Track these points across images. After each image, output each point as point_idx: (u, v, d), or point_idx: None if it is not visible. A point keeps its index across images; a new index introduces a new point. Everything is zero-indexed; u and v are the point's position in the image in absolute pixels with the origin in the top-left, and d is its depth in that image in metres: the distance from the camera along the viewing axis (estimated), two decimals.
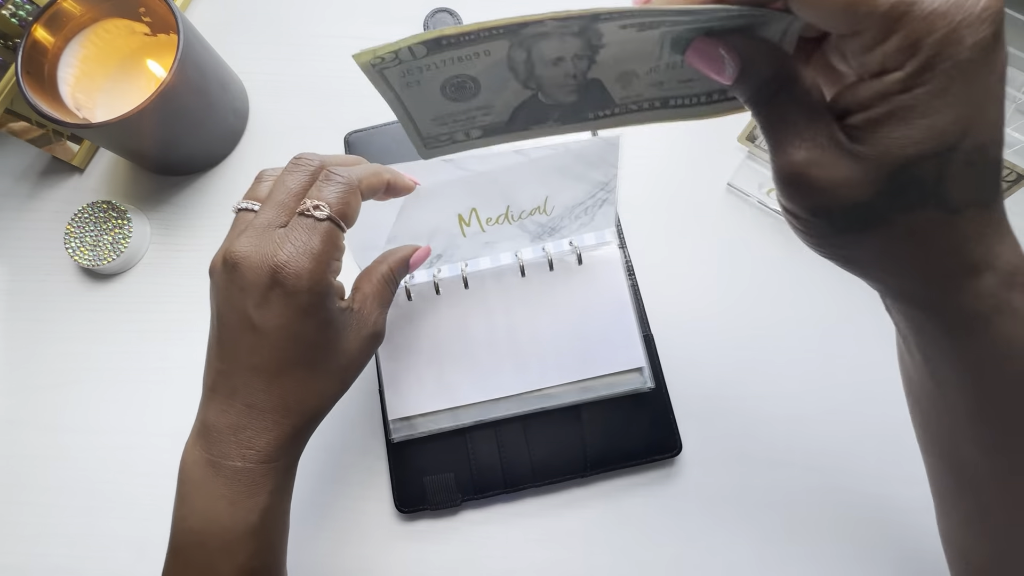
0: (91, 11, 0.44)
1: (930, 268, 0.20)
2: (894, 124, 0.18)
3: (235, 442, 0.28)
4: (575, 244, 0.42)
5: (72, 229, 0.45)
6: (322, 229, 0.27)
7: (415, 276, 0.42)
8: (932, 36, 0.17)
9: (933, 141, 0.18)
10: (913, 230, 0.19)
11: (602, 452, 0.40)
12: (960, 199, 0.19)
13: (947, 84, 0.17)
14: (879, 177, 0.19)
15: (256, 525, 0.28)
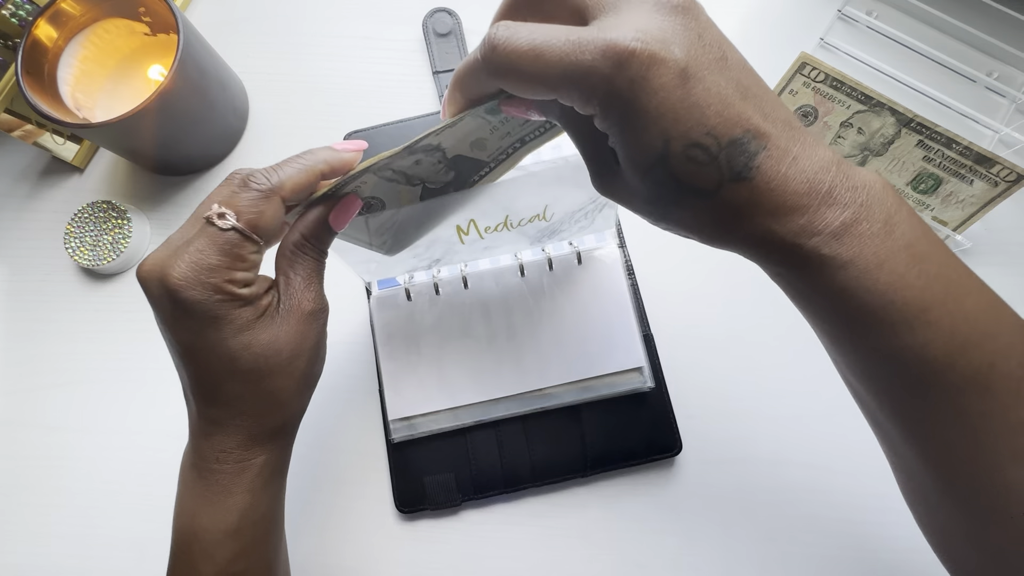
0: (91, 11, 0.44)
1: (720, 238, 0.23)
2: (619, 148, 0.22)
3: (208, 445, 0.28)
4: (575, 244, 0.42)
5: (72, 229, 0.45)
6: (222, 240, 0.25)
7: (415, 276, 0.42)
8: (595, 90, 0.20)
9: (644, 154, 0.21)
10: (694, 213, 0.22)
11: (602, 452, 0.40)
12: (705, 186, 0.21)
13: (625, 120, 0.21)
14: (642, 184, 0.22)
15: (235, 526, 0.28)
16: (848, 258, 0.21)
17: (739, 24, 0.49)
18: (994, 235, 0.44)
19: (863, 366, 0.23)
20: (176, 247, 0.26)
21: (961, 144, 0.41)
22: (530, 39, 0.21)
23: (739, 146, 0.21)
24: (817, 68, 0.42)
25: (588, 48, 0.20)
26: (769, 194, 0.21)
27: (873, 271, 0.21)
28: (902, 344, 0.21)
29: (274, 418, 0.29)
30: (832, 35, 0.48)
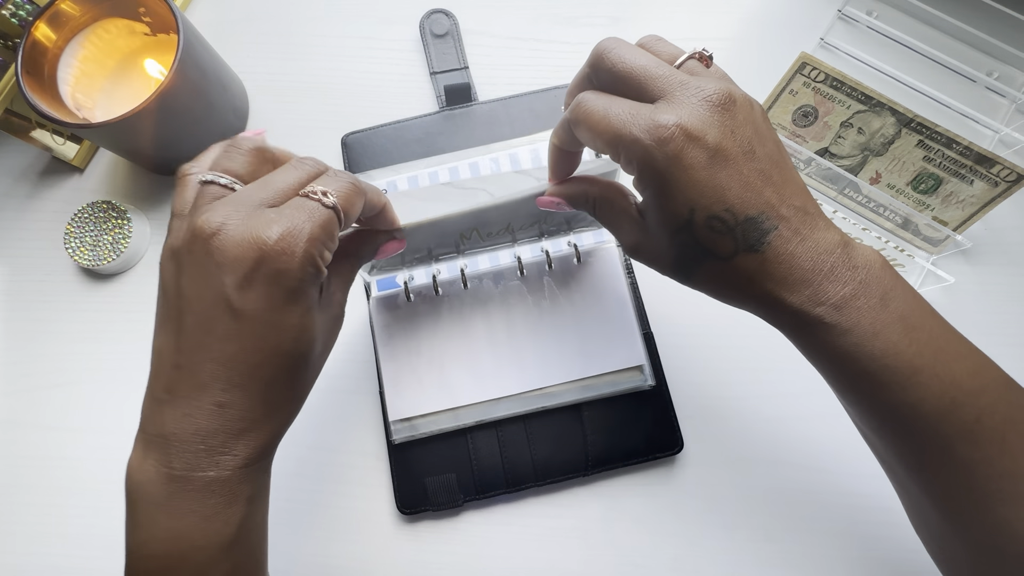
0: (91, 11, 0.44)
1: (740, 299, 0.27)
2: (649, 213, 0.27)
3: (205, 449, 0.25)
4: (574, 243, 0.42)
5: (72, 229, 0.45)
6: (323, 215, 0.24)
7: (414, 277, 0.42)
8: (633, 158, 0.25)
9: (672, 220, 0.26)
10: (709, 278, 0.27)
11: (603, 451, 0.40)
12: (724, 252, 0.25)
13: (657, 186, 0.25)
14: (669, 245, 0.27)
15: (232, 538, 0.26)
16: (848, 327, 0.25)
17: (739, 24, 0.49)
18: (994, 235, 0.44)
19: (867, 417, 0.27)
20: (258, 213, 0.24)
21: (961, 144, 0.41)
22: (603, 105, 0.26)
23: (754, 223, 0.25)
24: (817, 68, 0.42)
25: (640, 122, 0.25)
26: (778, 265, 0.25)
27: (870, 339, 0.25)
28: (898, 401, 0.25)
29: (292, 416, 0.27)
30: (832, 35, 0.48)
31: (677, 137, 0.24)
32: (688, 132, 0.24)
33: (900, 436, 0.26)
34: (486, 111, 0.47)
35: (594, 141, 0.26)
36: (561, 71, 0.49)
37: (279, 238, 0.23)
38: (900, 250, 0.41)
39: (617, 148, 0.26)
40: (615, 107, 0.26)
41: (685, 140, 0.24)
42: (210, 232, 0.23)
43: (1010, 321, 0.43)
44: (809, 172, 0.44)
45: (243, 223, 0.23)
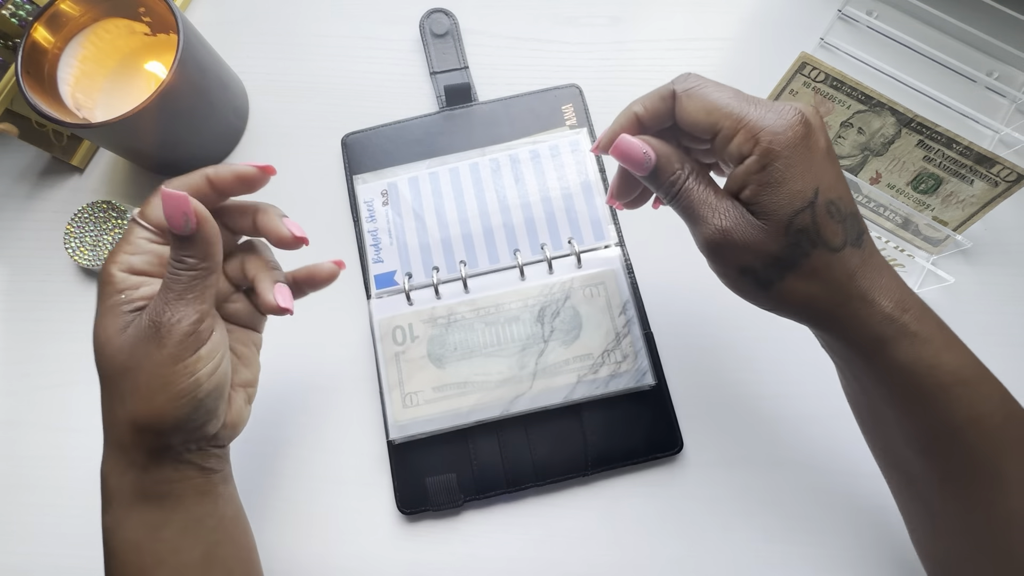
0: (91, 11, 0.44)
1: (835, 301, 0.27)
2: (768, 193, 0.26)
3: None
4: (574, 244, 0.42)
5: (72, 229, 0.45)
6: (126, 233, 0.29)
7: (413, 277, 0.42)
8: (764, 131, 0.26)
9: (797, 199, 0.26)
10: (815, 269, 0.26)
11: (603, 451, 0.40)
12: (836, 241, 0.26)
13: (787, 162, 0.25)
14: (779, 232, 0.26)
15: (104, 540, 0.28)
16: (927, 336, 0.26)
17: (739, 24, 0.49)
18: (994, 235, 0.44)
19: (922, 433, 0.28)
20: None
21: (961, 144, 0.41)
22: (722, 86, 0.28)
23: (856, 220, 0.27)
24: (817, 68, 0.42)
25: (764, 105, 0.26)
26: (873, 266, 0.27)
27: (945, 350, 0.26)
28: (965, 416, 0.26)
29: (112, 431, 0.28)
30: (832, 35, 0.48)
31: (804, 122, 0.26)
32: (810, 121, 0.26)
33: (954, 452, 0.27)
34: (486, 111, 0.47)
35: (710, 116, 0.27)
36: (561, 71, 0.49)
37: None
38: (900, 250, 0.41)
39: (738, 125, 0.26)
40: (734, 90, 0.27)
41: (809, 126, 0.26)
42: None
43: (1010, 321, 0.43)
44: None
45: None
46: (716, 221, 0.27)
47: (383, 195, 0.45)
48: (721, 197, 0.28)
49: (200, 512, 0.30)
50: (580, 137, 0.45)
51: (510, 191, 0.44)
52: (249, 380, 0.33)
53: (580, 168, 0.44)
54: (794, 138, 0.25)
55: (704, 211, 0.28)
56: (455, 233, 0.43)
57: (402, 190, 0.44)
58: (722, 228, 0.27)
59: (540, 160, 0.45)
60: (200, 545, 0.30)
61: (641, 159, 0.29)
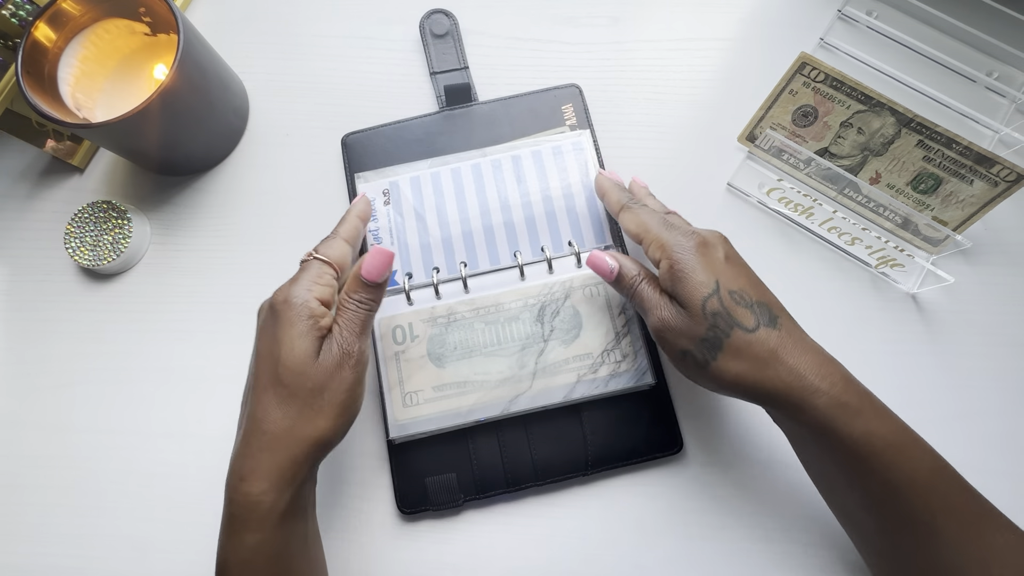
0: (91, 11, 0.44)
1: (764, 376, 0.31)
2: (680, 286, 0.33)
3: (231, 473, 0.31)
4: (574, 244, 0.42)
5: (72, 229, 0.45)
6: (306, 264, 0.34)
7: (413, 277, 0.42)
8: (668, 244, 0.34)
9: (701, 288, 0.32)
10: (738, 348, 0.31)
11: (603, 451, 0.40)
12: (748, 323, 0.32)
13: (687, 264, 0.33)
14: (698, 316, 0.32)
15: (247, 559, 0.30)
16: (858, 408, 0.30)
17: (739, 24, 0.50)
18: (994, 235, 0.44)
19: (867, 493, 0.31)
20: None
21: (961, 144, 0.41)
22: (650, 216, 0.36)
23: (765, 307, 0.33)
24: (817, 68, 0.42)
25: (677, 231, 0.35)
26: (794, 344, 0.31)
27: (876, 420, 0.30)
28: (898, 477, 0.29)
29: (288, 454, 0.31)
30: (832, 35, 0.48)
31: (703, 241, 0.34)
32: (706, 239, 0.34)
33: (895, 510, 0.30)
34: (486, 111, 0.47)
35: (638, 235, 0.36)
36: (561, 71, 0.49)
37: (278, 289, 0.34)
38: (900, 250, 0.41)
39: (652, 248, 0.35)
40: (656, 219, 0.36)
41: (706, 243, 0.34)
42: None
43: (1010, 321, 0.43)
44: (809, 172, 0.44)
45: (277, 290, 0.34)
46: (658, 313, 0.34)
47: (384, 194, 0.44)
48: (663, 296, 0.34)
49: (314, 523, 0.34)
50: (583, 138, 0.45)
51: (511, 191, 0.44)
52: None
53: (582, 169, 0.44)
54: (692, 248, 0.33)
55: (650, 306, 0.34)
56: (456, 233, 0.43)
57: (404, 190, 0.44)
58: (662, 318, 0.33)
59: (542, 161, 0.45)
60: (318, 552, 0.34)
61: (607, 269, 0.37)
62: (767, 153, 0.45)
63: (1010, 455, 0.40)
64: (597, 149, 0.46)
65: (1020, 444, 0.40)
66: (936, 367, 0.42)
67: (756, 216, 0.45)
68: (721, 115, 0.47)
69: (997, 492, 0.31)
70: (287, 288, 0.33)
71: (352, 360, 0.32)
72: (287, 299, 0.32)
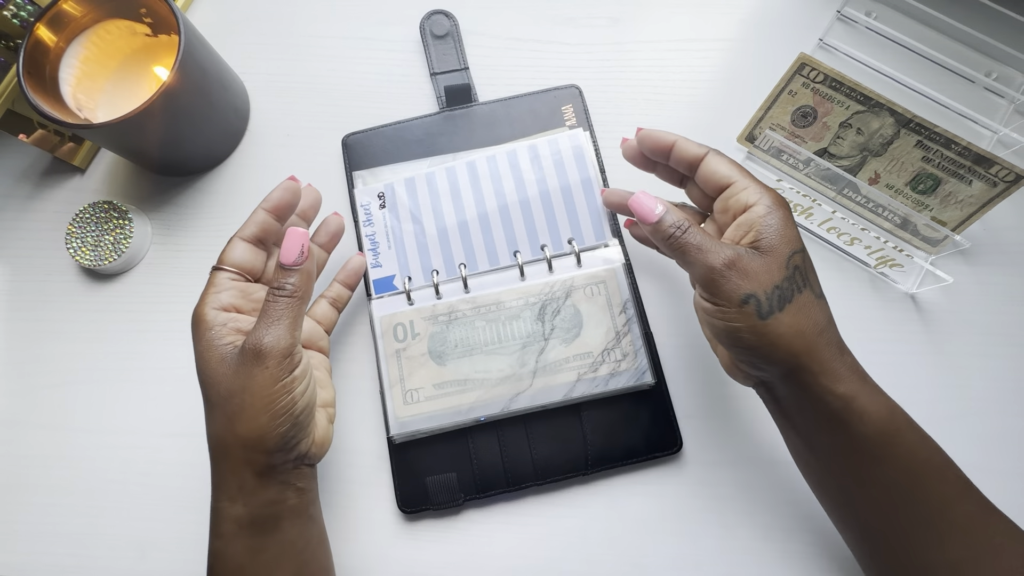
0: (92, 12, 0.44)
1: (816, 342, 0.30)
2: (773, 233, 0.31)
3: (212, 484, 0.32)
4: (574, 244, 0.42)
5: (73, 229, 0.45)
6: (210, 276, 0.35)
7: (413, 279, 0.42)
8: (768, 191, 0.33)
9: (794, 242, 0.31)
10: (804, 307, 0.31)
11: (603, 450, 0.40)
12: (819, 288, 0.32)
13: (784, 214, 0.32)
14: (781, 264, 0.31)
15: (211, 566, 0.31)
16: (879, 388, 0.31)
17: (739, 24, 0.50)
18: (993, 235, 0.44)
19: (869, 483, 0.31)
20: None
21: (960, 144, 0.41)
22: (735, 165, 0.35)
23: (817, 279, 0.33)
24: (816, 69, 0.42)
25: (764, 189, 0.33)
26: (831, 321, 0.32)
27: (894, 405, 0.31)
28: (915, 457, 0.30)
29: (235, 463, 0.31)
30: (831, 36, 0.48)
31: (785, 204, 0.33)
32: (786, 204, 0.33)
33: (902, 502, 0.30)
34: (486, 111, 0.47)
35: (729, 177, 0.34)
36: (561, 72, 0.49)
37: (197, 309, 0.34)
38: (899, 250, 0.41)
39: (746, 183, 0.33)
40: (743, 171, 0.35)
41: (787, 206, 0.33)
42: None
43: (1009, 321, 0.43)
44: (808, 172, 0.44)
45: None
46: (723, 252, 0.31)
47: (380, 198, 0.44)
48: (720, 242, 0.32)
49: (293, 535, 0.33)
50: (579, 135, 0.45)
51: (508, 190, 0.44)
52: (328, 400, 0.37)
53: (580, 164, 0.44)
54: (784, 204, 0.33)
55: (706, 250, 0.31)
56: (454, 236, 0.43)
57: (399, 192, 0.44)
58: (729, 258, 0.31)
59: (538, 157, 0.44)
60: (291, 567, 0.32)
61: (651, 209, 0.34)
62: (766, 153, 0.45)
63: (1009, 455, 0.40)
64: (597, 151, 0.46)
65: (1019, 444, 0.40)
66: (935, 367, 0.42)
67: None
68: (720, 116, 0.47)
69: (997, 492, 0.31)
70: (195, 307, 0.33)
71: (264, 353, 0.30)
72: (194, 317, 0.33)
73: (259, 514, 0.31)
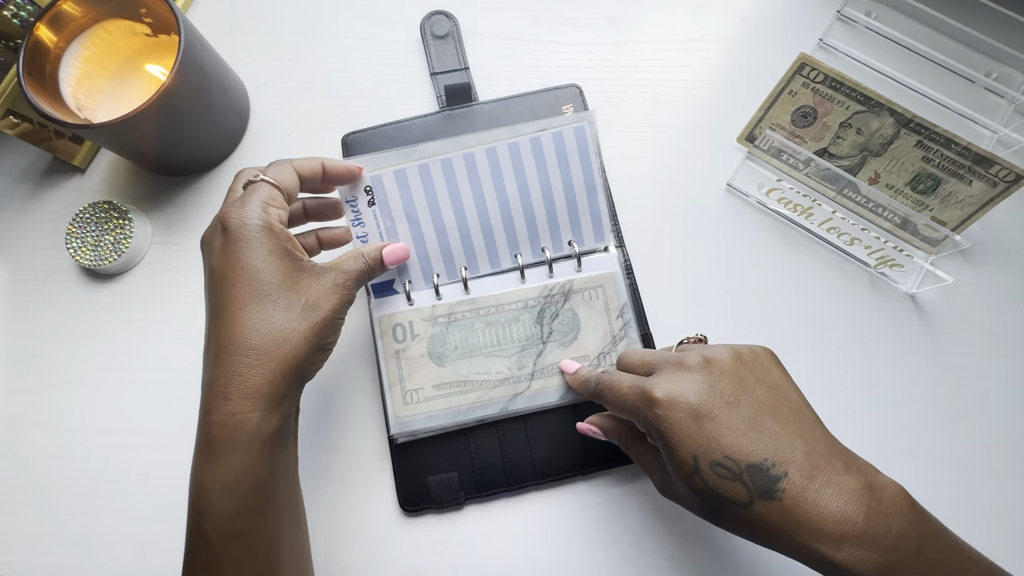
0: (92, 12, 0.44)
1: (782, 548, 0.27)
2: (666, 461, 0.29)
3: (209, 395, 0.29)
4: (574, 245, 0.42)
5: (73, 229, 0.45)
6: (255, 186, 0.33)
7: (413, 282, 0.42)
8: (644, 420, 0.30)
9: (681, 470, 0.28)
10: (737, 520, 0.27)
11: (603, 449, 0.40)
12: (737, 498, 0.27)
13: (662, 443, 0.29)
14: (688, 491, 0.28)
15: (231, 483, 0.28)
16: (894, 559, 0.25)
17: (739, 25, 0.50)
18: (993, 235, 0.44)
19: None
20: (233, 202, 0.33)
21: (960, 144, 0.41)
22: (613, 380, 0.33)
23: (759, 470, 0.27)
24: (816, 69, 0.42)
25: (636, 393, 0.30)
26: (803, 515, 0.26)
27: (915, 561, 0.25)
28: None
29: (277, 363, 0.29)
30: (831, 36, 0.48)
31: (662, 402, 0.29)
32: (670, 397, 0.29)
33: None
34: (486, 111, 0.47)
35: (612, 407, 0.32)
36: (561, 71, 0.49)
37: (228, 210, 0.32)
38: (899, 250, 0.41)
39: (627, 413, 0.31)
40: (626, 381, 0.32)
41: (668, 404, 0.28)
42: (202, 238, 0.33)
43: (1009, 321, 0.43)
44: (808, 172, 0.44)
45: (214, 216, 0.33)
46: (655, 479, 0.32)
47: (368, 192, 0.40)
48: (654, 457, 0.32)
49: (295, 452, 0.33)
50: (584, 123, 0.41)
51: (510, 187, 0.41)
52: None
53: (584, 158, 0.42)
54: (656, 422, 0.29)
55: (647, 469, 0.33)
56: (454, 237, 0.42)
57: (388, 187, 0.40)
58: (661, 485, 0.32)
59: (541, 149, 0.42)
60: (295, 484, 0.33)
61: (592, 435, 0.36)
62: (766, 154, 0.45)
63: (1009, 455, 0.40)
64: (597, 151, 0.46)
65: (1019, 444, 0.40)
66: (934, 367, 0.42)
67: (755, 216, 0.45)
68: (721, 116, 0.47)
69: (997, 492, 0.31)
70: (238, 210, 0.31)
71: (347, 292, 0.33)
72: (243, 222, 0.31)
73: (286, 430, 0.31)
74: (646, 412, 0.29)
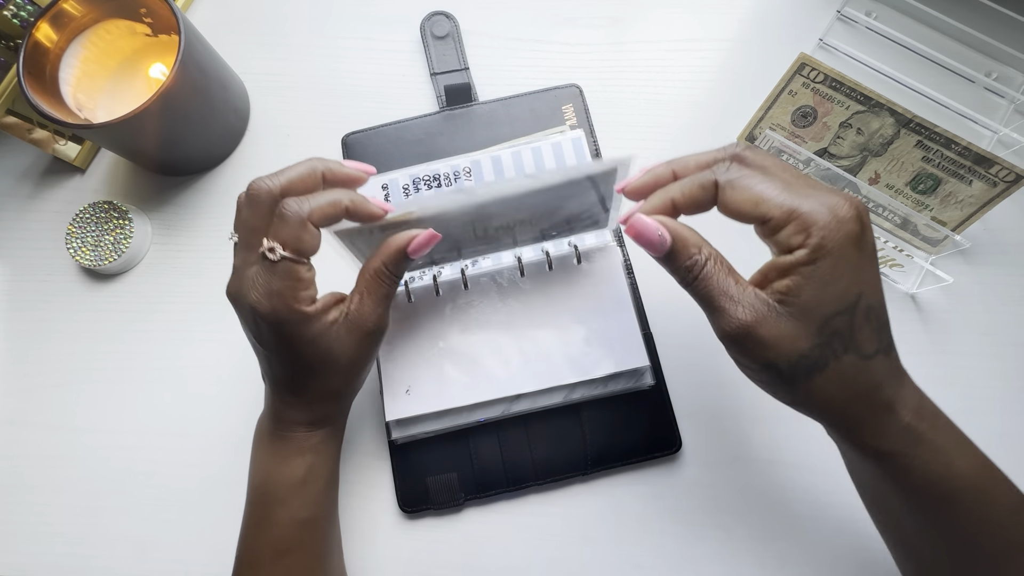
0: (92, 12, 0.44)
1: (858, 407, 0.26)
2: (811, 289, 0.25)
3: (284, 419, 0.34)
4: (574, 243, 0.42)
5: (73, 229, 0.45)
6: (279, 270, 0.29)
7: (414, 279, 0.42)
8: (816, 225, 0.24)
9: (839, 301, 0.25)
10: (842, 374, 0.25)
11: (603, 450, 0.40)
12: (868, 349, 0.25)
13: (836, 261, 0.24)
14: (812, 331, 0.25)
15: (301, 479, 0.33)
16: (941, 444, 0.26)
17: (739, 25, 0.50)
18: (993, 235, 0.44)
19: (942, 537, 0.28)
20: (243, 274, 0.30)
21: (960, 144, 0.41)
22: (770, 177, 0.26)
23: (888, 328, 0.26)
24: (816, 69, 0.42)
25: (819, 198, 0.25)
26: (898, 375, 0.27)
27: (956, 457, 0.27)
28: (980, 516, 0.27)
29: (330, 407, 0.35)
30: (831, 36, 0.48)
31: (857, 218, 0.25)
32: (863, 218, 0.25)
33: (964, 550, 0.27)
34: (486, 111, 0.47)
35: (758, 207, 0.26)
36: (561, 71, 0.49)
37: (256, 301, 0.30)
38: (899, 250, 0.41)
39: (790, 217, 0.25)
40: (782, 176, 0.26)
41: (863, 225, 0.25)
42: (230, 299, 0.32)
43: (1009, 321, 0.43)
44: (808, 172, 0.44)
45: (238, 291, 0.31)
46: (739, 314, 0.26)
47: (384, 188, 0.44)
48: (744, 288, 0.26)
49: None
50: (581, 136, 0.45)
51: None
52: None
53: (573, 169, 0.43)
54: (847, 236, 0.24)
55: (724, 302, 0.26)
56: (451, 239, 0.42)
57: (402, 189, 0.44)
58: (744, 323, 0.26)
59: (542, 157, 0.44)
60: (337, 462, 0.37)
61: (656, 241, 0.28)
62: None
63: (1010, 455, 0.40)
64: (597, 151, 0.46)
65: (1020, 444, 0.40)
66: (935, 367, 0.42)
67: None
68: (720, 116, 0.47)
69: None
70: (267, 302, 0.29)
71: (379, 334, 0.33)
72: (277, 320, 0.30)
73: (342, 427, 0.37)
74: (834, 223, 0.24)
